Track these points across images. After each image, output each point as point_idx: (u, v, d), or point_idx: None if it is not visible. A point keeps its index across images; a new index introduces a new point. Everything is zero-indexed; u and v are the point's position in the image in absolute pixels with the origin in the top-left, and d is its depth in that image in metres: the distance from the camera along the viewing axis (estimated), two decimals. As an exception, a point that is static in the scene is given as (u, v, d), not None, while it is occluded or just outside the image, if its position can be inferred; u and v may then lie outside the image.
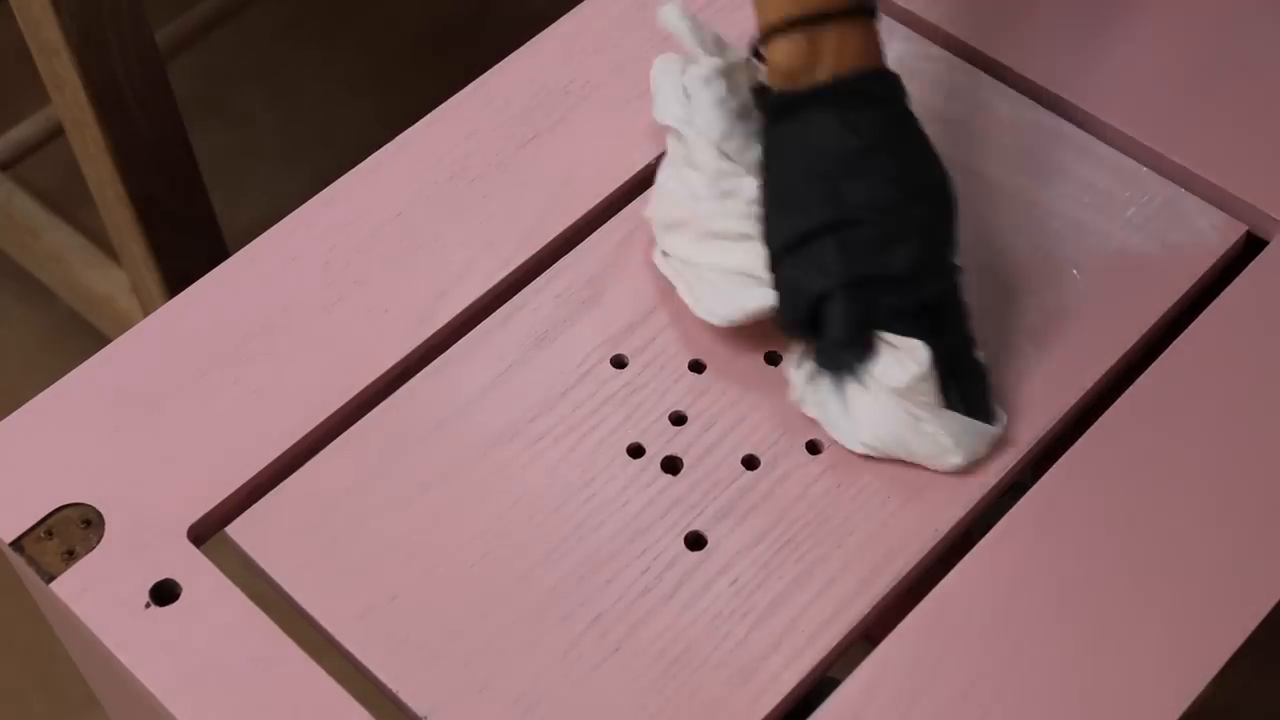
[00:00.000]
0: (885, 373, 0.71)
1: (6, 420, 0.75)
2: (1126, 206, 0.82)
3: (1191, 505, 0.71)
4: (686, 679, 0.67)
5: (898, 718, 0.66)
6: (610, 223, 0.82)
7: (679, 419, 0.75)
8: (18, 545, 0.71)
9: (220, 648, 0.68)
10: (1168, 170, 0.83)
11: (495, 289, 0.79)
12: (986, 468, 0.73)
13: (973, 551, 0.70)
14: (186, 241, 1.26)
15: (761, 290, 0.74)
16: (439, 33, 1.82)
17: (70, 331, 1.56)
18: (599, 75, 0.87)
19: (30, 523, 0.71)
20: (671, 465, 0.74)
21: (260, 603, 0.69)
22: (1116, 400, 0.75)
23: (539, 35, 0.90)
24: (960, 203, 0.73)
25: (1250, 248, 0.81)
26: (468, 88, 0.87)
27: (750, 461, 0.74)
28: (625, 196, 0.83)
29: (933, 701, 0.66)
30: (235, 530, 0.72)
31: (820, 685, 0.68)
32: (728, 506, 0.72)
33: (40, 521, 0.71)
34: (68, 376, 0.77)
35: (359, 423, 0.75)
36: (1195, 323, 0.77)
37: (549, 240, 0.81)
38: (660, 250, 0.79)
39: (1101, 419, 0.74)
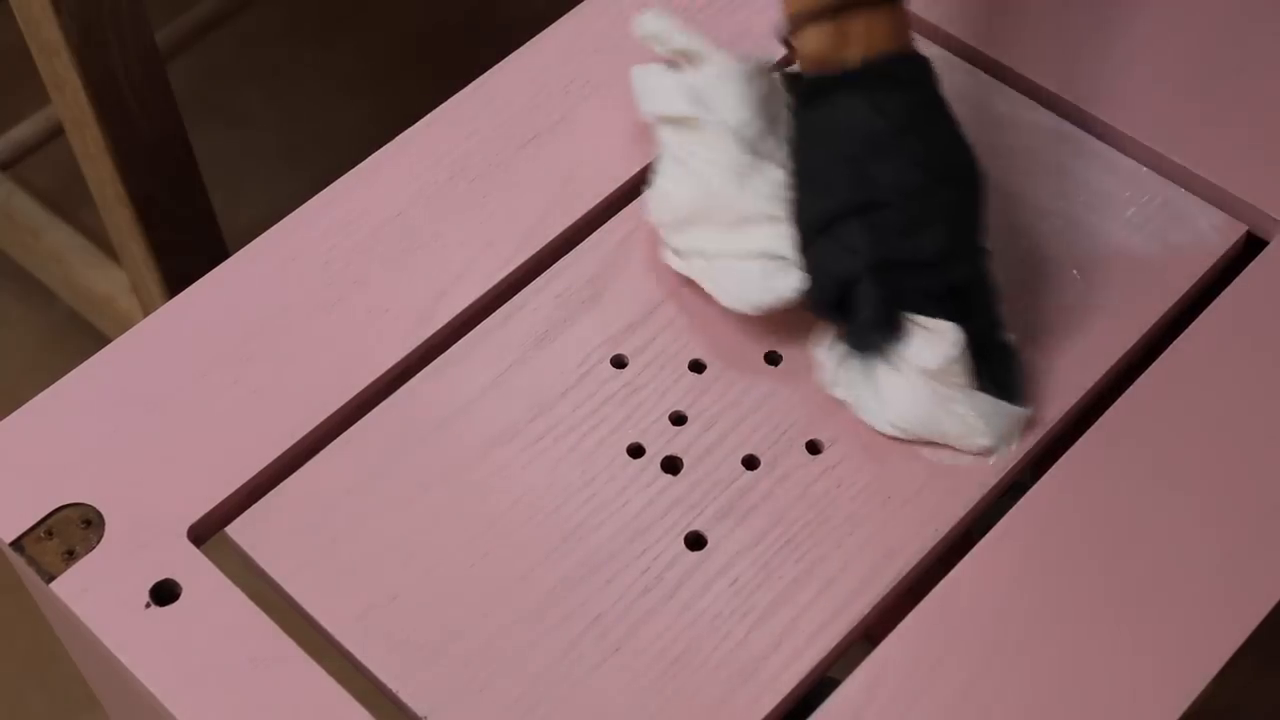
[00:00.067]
0: (917, 354, 0.72)
1: (6, 420, 0.75)
2: (1126, 206, 0.82)
3: (1192, 505, 0.71)
4: (686, 679, 0.67)
5: (898, 718, 0.66)
6: (610, 223, 0.82)
7: (679, 419, 0.75)
8: (18, 545, 0.71)
9: (220, 648, 0.68)
10: (1168, 170, 0.83)
11: (495, 289, 0.79)
12: (986, 468, 0.73)
13: (973, 551, 0.70)
14: (186, 241, 1.26)
15: (791, 273, 0.74)
16: (439, 33, 1.82)
17: (70, 331, 1.56)
18: (599, 75, 0.87)
19: (30, 523, 0.71)
20: (671, 465, 0.74)
21: (260, 603, 0.69)
22: (1116, 400, 0.75)
23: (539, 35, 0.90)
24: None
25: (1250, 248, 0.81)
26: (468, 88, 0.87)
27: (750, 461, 0.74)
28: (625, 196, 0.83)
29: (933, 701, 0.66)
30: (235, 530, 0.72)
31: (820, 685, 0.68)
32: (728, 506, 0.72)
33: (40, 521, 0.71)
34: (68, 376, 0.77)
35: (359, 423, 0.75)
36: (1195, 323, 0.77)
37: (549, 240, 0.81)
38: (671, 251, 0.79)
39: (1101, 419, 0.74)
